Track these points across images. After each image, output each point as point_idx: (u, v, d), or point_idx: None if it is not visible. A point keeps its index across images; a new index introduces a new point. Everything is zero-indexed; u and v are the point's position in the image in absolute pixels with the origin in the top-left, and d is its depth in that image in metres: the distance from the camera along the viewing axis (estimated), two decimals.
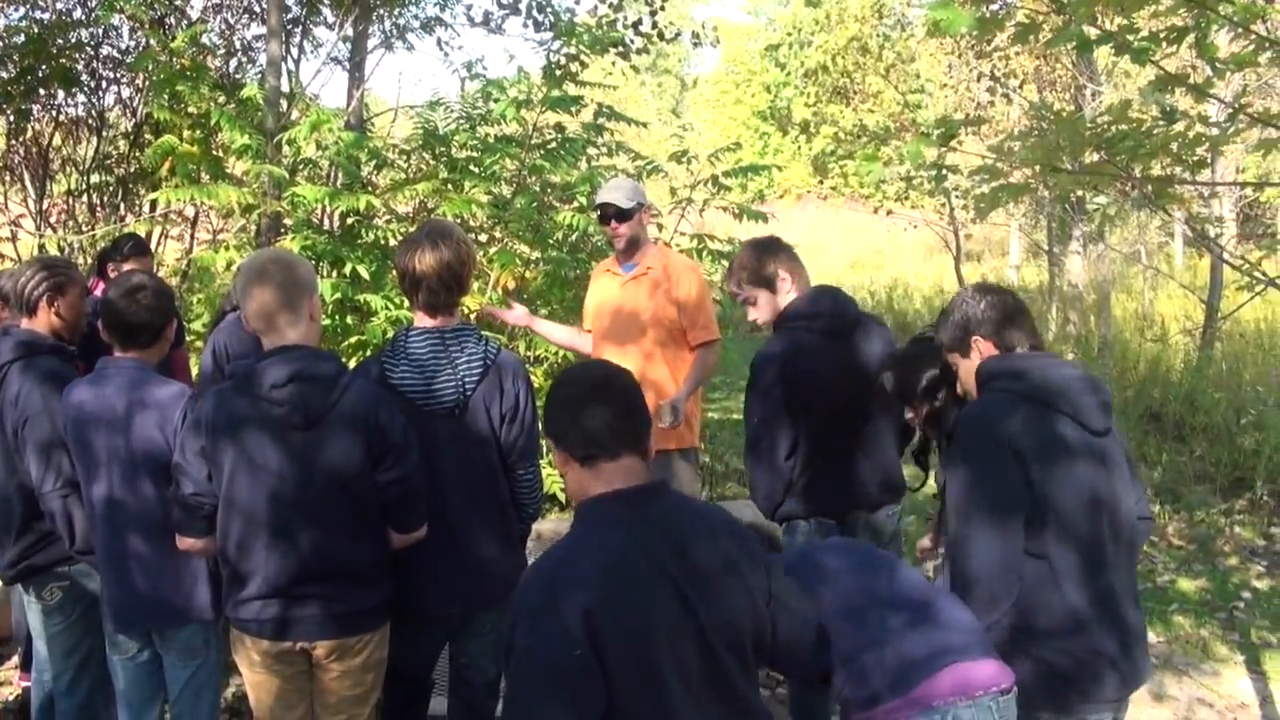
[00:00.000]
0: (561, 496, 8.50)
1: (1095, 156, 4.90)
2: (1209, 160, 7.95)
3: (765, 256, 4.72)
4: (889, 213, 16.77)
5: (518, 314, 6.21)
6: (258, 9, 11.59)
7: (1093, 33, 4.32)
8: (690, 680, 2.60)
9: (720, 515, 2.89)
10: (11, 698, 6.01)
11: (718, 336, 6.07)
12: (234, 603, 3.81)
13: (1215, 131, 4.74)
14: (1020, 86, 15.10)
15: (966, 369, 3.63)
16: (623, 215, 5.85)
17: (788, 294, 4.70)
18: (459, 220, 7.63)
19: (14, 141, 11.09)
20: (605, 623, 2.52)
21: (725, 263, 9.04)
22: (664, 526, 2.70)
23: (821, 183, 24.02)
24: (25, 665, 5.72)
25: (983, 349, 3.56)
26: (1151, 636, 6.76)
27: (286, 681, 3.87)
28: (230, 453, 3.67)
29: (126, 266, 6.06)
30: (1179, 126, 4.56)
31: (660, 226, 9.47)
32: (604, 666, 2.51)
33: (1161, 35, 4.29)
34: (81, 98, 11.32)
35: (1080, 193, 12.40)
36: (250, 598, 3.75)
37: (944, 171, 5.24)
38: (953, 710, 3.16)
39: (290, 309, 3.74)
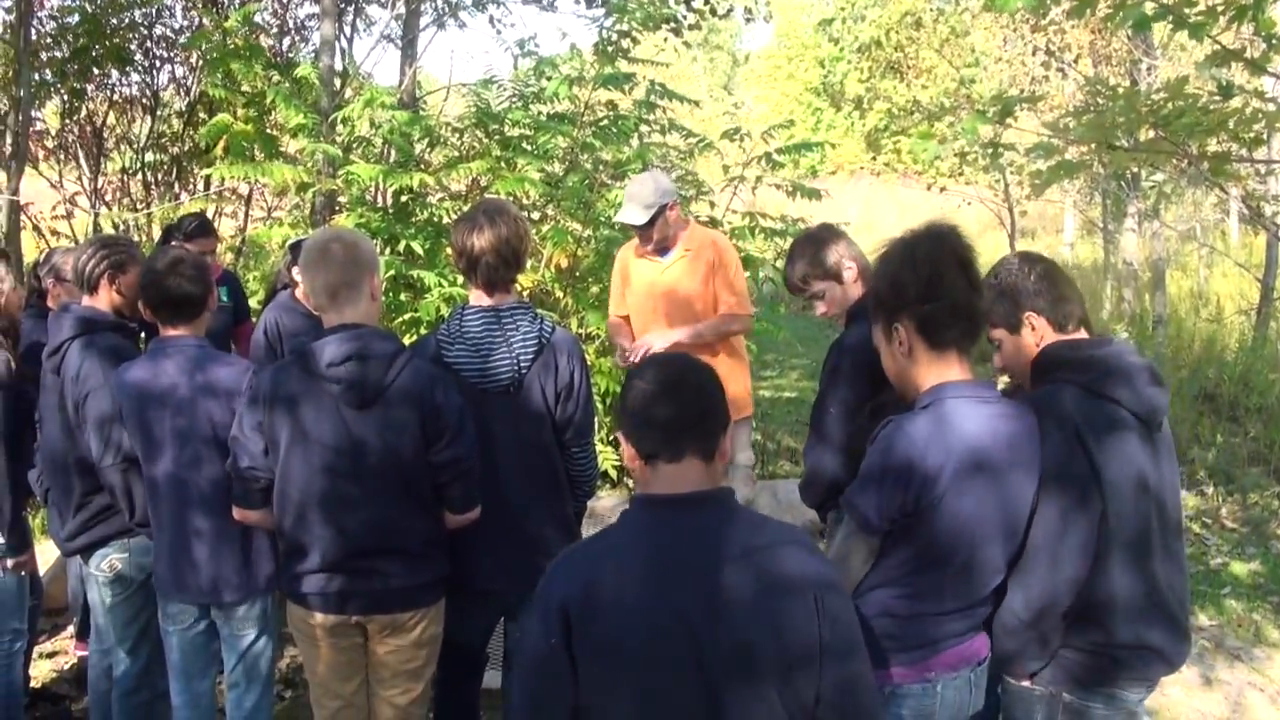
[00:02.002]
0: (614, 474, 8.53)
1: (1151, 133, 4.85)
2: (1265, 137, 7.86)
3: (825, 247, 4.46)
4: (943, 189, 16.66)
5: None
6: None
7: (1149, 7, 4.28)
8: (673, 712, 2.46)
9: (780, 545, 2.54)
10: (67, 667, 6.11)
11: (749, 312, 6.05)
12: (290, 576, 3.87)
13: (1273, 108, 4.69)
14: (1075, 61, 14.95)
15: (1016, 346, 3.46)
16: (644, 228, 5.84)
17: (855, 282, 4.43)
18: (512, 198, 7.65)
19: (69, 120, 11.23)
20: (579, 621, 2.43)
21: (778, 240, 9.01)
22: (696, 540, 2.49)
23: (875, 159, 23.87)
24: (80, 635, 5.81)
25: (1036, 325, 3.41)
26: (1203, 620, 6.74)
27: (341, 654, 3.92)
28: (287, 428, 3.71)
29: (190, 247, 6.05)
30: (1236, 103, 4.51)
31: (711, 204, 9.47)
32: (574, 664, 2.44)
33: (1219, 9, 4.24)
34: (135, 77, 11.46)
35: (1135, 170, 12.30)
36: (306, 571, 3.80)
37: (999, 149, 5.20)
38: (942, 680, 3.17)
39: (351, 287, 3.77)
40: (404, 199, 8.64)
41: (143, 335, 4.79)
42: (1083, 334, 3.45)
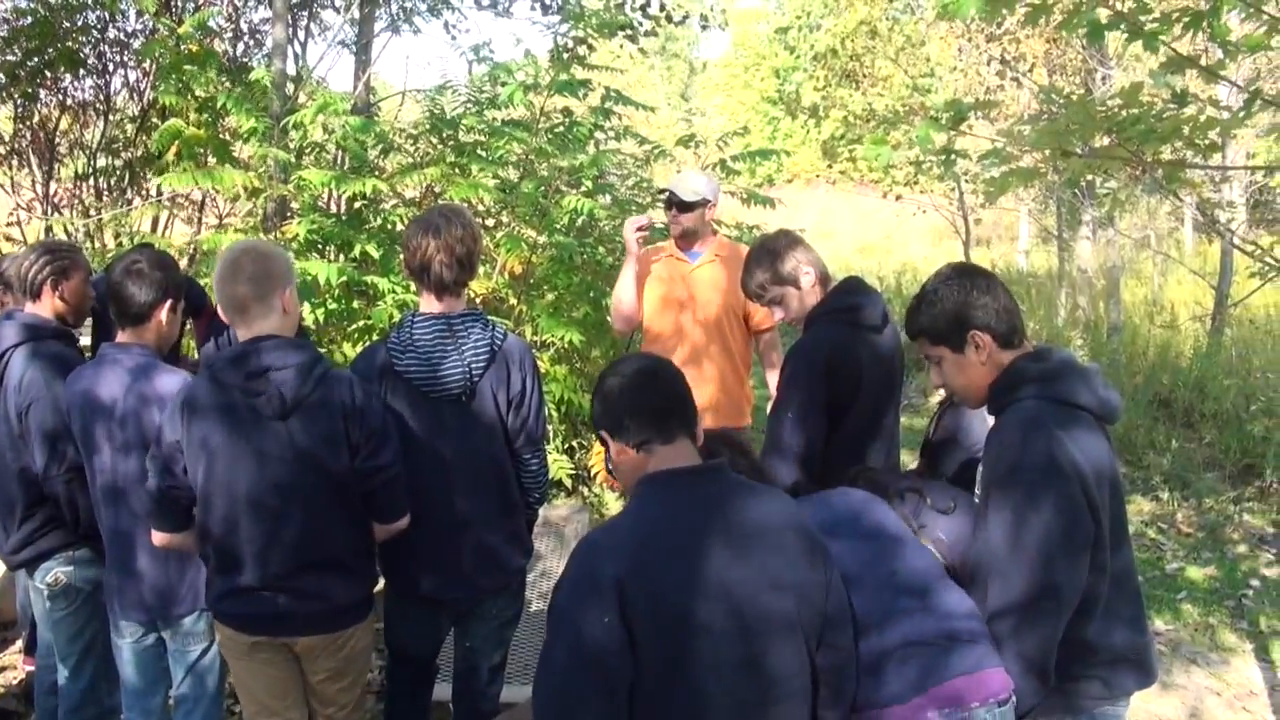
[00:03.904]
0: (568, 482, 8.49)
1: (1106, 140, 4.85)
2: (1220, 145, 7.86)
3: (782, 253, 4.45)
4: (898, 197, 16.74)
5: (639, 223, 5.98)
6: None
7: (1104, 15, 4.27)
8: (723, 667, 2.58)
9: (782, 503, 2.83)
10: (15, 682, 6.01)
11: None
12: (216, 596, 3.78)
13: (1227, 115, 4.69)
14: (1030, 70, 15.04)
15: (959, 365, 3.30)
16: (684, 207, 5.83)
17: (813, 288, 4.42)
18: (466, 205, 7.61)
19: (21, 125, 11.12)
20: (635, 593, 2.52)
21: None
22: (716, 506, 2.68)
23: (830, 167, 24.00)
24: (29, 650, 5.72)
25: (982, 343, 3.23)
26: (1160, 625, 6.76)
27: (275, 669, 3.87)
28: (207, 444, 3.62)
29: None
30: (1190, 110, 4.50)
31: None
32: (632, 638, 2.52)
33: (1174, 17, 4.24)
34: (89, 81, 11.36)
35: (1090, 177, 12.36)
36: (231, 591, 3.72)
37: (953, 156, 5.19)
38: (957, 715, 3.09)
39: (261, 301, 3.68)
40: (357, 205, 8.58)
41: (80, 343, 4.69)
42: (1028, 346, 3.32)
